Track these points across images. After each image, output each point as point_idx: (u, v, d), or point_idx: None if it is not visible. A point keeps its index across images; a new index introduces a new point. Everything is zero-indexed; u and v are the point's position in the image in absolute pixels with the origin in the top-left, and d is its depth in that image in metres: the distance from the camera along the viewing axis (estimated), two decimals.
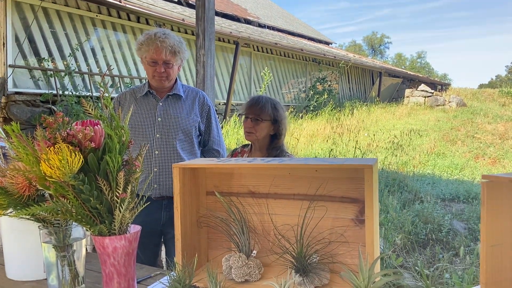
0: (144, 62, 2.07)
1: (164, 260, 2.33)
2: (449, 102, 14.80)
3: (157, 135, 2.05)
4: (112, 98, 1.12)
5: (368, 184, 1.01)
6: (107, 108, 1.07)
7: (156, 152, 2.05)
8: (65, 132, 0.97)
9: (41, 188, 1.02)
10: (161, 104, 2.09)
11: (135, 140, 2.04)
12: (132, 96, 2.13)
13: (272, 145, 2.06)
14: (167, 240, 2.16)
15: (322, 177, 1.19)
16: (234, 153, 2.20)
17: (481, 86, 42.35)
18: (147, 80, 2.15)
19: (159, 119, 2.06)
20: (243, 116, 2.07)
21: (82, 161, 0.97)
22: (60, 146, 0.93)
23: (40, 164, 0.95)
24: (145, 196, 1.15)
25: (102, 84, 1.09)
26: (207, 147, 2.24)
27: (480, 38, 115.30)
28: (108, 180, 1.04)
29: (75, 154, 0.95)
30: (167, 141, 2.06)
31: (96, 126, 1.03)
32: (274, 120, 2.02)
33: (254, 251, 1.21)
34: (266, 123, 2.01)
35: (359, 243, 1.15)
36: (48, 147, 0.94)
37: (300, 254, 1.12)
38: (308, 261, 1.12)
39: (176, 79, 2.16)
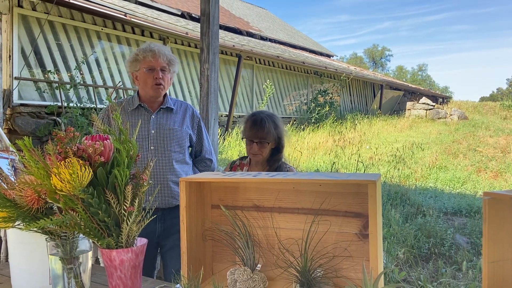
0: (138, 75, 2.08)
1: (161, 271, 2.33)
2: (451, 115, 14.83)
3: (151, 148, 2.07)
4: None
5: (371, 199, 1.03)
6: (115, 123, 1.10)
7: (151, 164, 2.06)
8: (76, 147, 1.00)
9: (50, 201, 1.04)
10: (153, 117, 2.10)
11: None
12: (123, 110, 2.13)
13: (274, 157, 2.09)
14: (164, 253, 2.16)
15: (326, 192, 1.21)
16: (233, 166, 2.21)
17: (482, 99, 42.47)
18: (136, 93, 2.17)
19: (153, 131, 2.08)
20: (245, 139, 2.07)
21: (92, 175, 0.99)
22: (70, 160, 0.96)
23: (51, 177, 0.97)
24: (151, 210, 1.16)
25: (109, 98, 1.11)
26: (199, 157, 2.28)
27: (481, 51, 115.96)
28: (116, 194, 1.06)
29: (85, 168, 0.97)
30: (162, 154, 2.08)
31: (105, 141, 1.05)
32: (277, 138, 2.06)
33: (259, 265, 1.23)
34: (271, 143, 2.05)
35: (363, 257, 1.16)
36: (59, 161, 0.97)
37: (305, 268, 1.13)
38: (312, 275, 1.13)
39: (166, 93, 2.19)
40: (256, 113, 2.11)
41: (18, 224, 1.11)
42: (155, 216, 2.04)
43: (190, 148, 2.25)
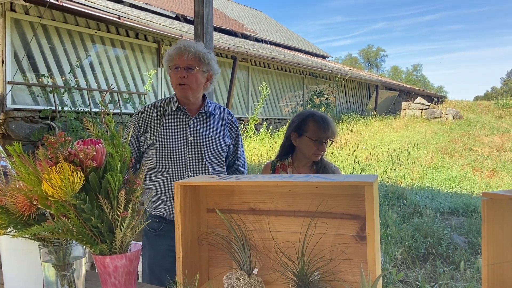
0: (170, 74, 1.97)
1: None
2: (446, 114, 14.88)
3: (190, 156, 1.95)
4: (114, 114, 1.12)
5: (368, 201, 1.01)
6: (108, 127, 1.08)
7: (189, 174, 1.94)
8: (67, 152, 0.98)
9: (42, 207, 1.02)
10: (192, 122, 1.98)
11: (166, 160, 1.95)
12: (160, 112, 2.00)
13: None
14: None
15: (323, 194, 1.19)
16: (275, 169, 2.12)
17: (476, 98, 42.67)
18: (174, 94, 2.04)
19: (191, 138, 1.96)
20: (309, 139, 2.00)
21: (84, 180, 0.97)
22: (62, 166, 0.94)
23: (42, 183, 0.95)
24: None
25: (102, 102, 1.10)
26: (232, 168, 2.16)
27: (475, 50, 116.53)
28: (109, 199, 1.04)
29: (77, 173, 0.96)
30: (200, 162, 1.96)
31: (97, 145, 1.03)
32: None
33: (256, 269, 1.21)
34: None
35: (360, 260, 1.14)
36: (50, 166, 0.95)
37: (302, 272, 1.11)
38: (310, 278, 1.11)
39: (205, 96, 2.06)
40: (316, 113, 2.07)
41: (10, 231, 1.09)
42: (149, 221, 2.00)
43: (227, 158, 2.12)
